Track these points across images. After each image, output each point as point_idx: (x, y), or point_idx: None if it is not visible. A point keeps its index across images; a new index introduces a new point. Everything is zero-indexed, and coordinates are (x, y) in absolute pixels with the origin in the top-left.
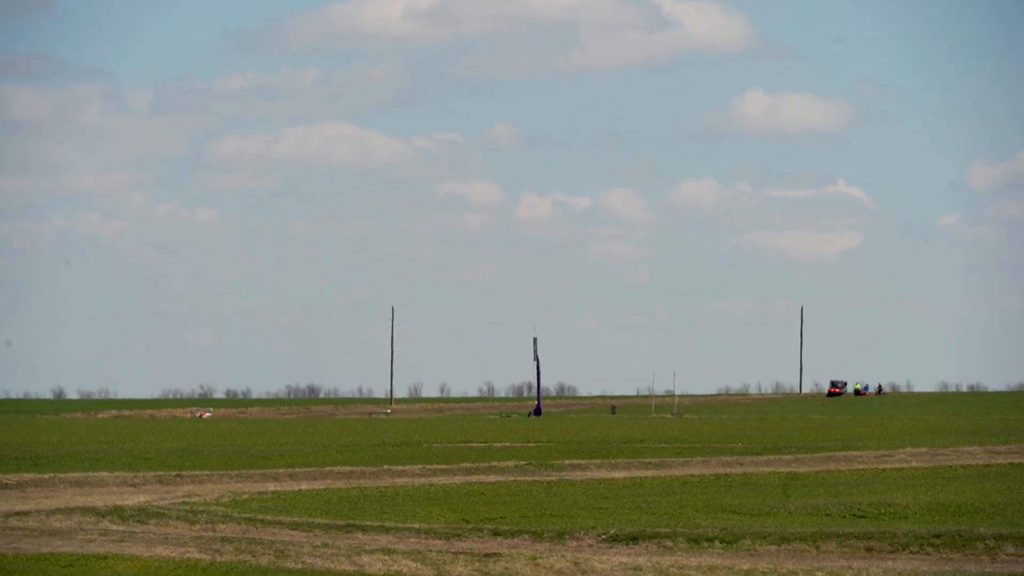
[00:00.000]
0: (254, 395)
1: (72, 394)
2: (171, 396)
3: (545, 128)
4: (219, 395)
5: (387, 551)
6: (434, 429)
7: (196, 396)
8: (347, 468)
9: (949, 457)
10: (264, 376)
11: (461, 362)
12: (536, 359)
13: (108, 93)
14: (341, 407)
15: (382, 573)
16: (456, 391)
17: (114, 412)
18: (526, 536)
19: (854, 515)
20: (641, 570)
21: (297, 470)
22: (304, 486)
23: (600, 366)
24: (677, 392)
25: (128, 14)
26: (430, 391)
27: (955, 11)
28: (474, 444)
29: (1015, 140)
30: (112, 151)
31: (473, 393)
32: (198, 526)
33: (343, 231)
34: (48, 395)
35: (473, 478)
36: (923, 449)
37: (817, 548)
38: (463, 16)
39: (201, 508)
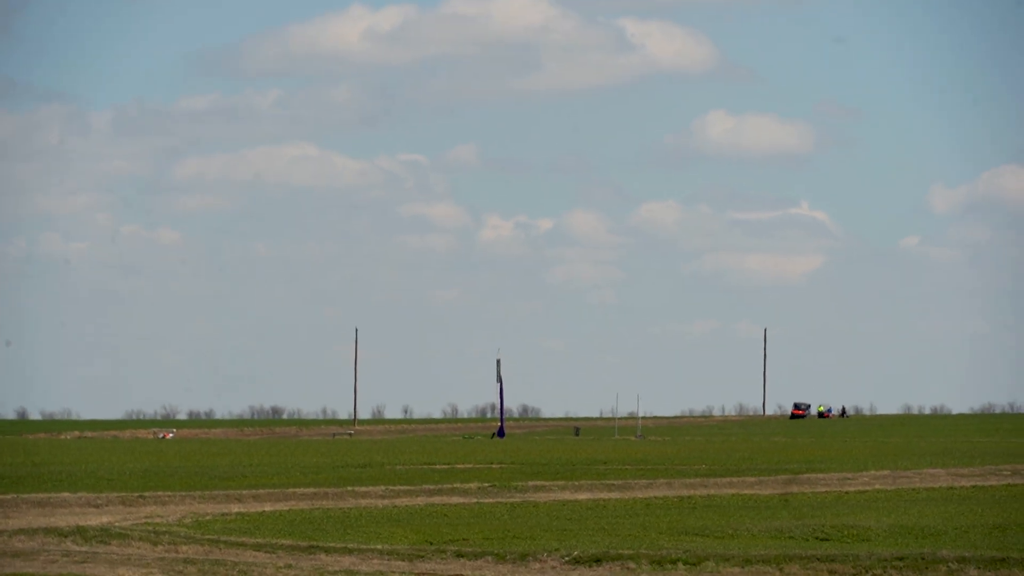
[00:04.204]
0: (217, 416)
1: (35, 415)
2: (134, 417)
3: (508, 150)
4: (182, 416)
5: (350, 572)
6: (397, 450)
7: (159, 417)
8: (310, 489)
9: (912, 480)
10: (227, 397)
11: (424, 384)
12: (499, 380)
13: (69, 115)
14: (304, 428)
15: None
16: (419, 413)
17: (77, 433)
18: (489, 558)
19: (817, 538)
20: None
21: (260, 491)
22: (267, 507)
23: (563, 388)
24: (640, 414)
25: (89, 37)
26: (393, 412)
27: (918, 34)
28: (437, 466)
29: (977, 163)
30: (74, 173)
31: (436, 415)
32: (161, 547)
33: (306, 252)
34: (11, 416)
35: (436, 500)
36: (886, 472)
37: (781, 570)
38: (424, 38)
39: (164, 529)
